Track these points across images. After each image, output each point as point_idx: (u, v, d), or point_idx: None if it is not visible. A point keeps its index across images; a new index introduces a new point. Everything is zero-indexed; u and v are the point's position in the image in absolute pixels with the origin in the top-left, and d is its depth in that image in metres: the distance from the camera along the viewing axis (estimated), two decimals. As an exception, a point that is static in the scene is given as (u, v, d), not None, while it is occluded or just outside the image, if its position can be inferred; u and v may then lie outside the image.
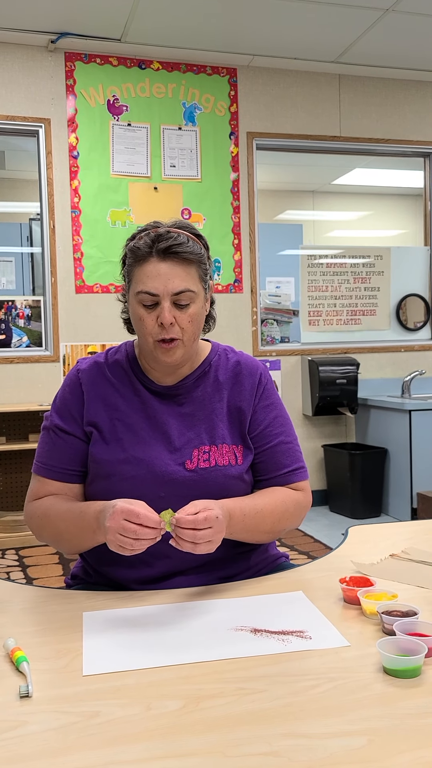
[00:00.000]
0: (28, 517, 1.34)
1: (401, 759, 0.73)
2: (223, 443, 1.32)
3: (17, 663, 0.95)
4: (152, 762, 0.74)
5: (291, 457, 1.39)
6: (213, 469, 1.30)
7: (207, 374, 1.37)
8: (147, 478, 1.27)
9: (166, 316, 1.23)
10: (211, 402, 1.35)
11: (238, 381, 1.38)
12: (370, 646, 0.99)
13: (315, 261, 4.77)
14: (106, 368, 1.36)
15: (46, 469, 1.33)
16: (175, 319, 1.25)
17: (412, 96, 4.85)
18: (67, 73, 4.18)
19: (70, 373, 1.37)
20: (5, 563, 3.52)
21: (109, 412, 1.32)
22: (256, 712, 0.83)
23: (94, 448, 1.31)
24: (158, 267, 1.24)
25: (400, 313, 4.94)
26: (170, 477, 1.28)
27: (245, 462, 1.34)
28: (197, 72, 4.40)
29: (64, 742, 0.78)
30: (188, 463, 1.29)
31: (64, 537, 1.28)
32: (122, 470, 1.28)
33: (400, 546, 1.44)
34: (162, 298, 1.24)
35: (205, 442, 1.31)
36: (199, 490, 1.28)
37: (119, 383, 1.35)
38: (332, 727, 0.79)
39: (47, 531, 1.30)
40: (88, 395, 1.33)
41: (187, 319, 1.26)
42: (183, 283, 1.25)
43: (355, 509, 4.35)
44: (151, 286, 1.24)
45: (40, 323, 4.24)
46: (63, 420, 1.33)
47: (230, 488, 1.31)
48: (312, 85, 4.64)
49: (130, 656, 0.98)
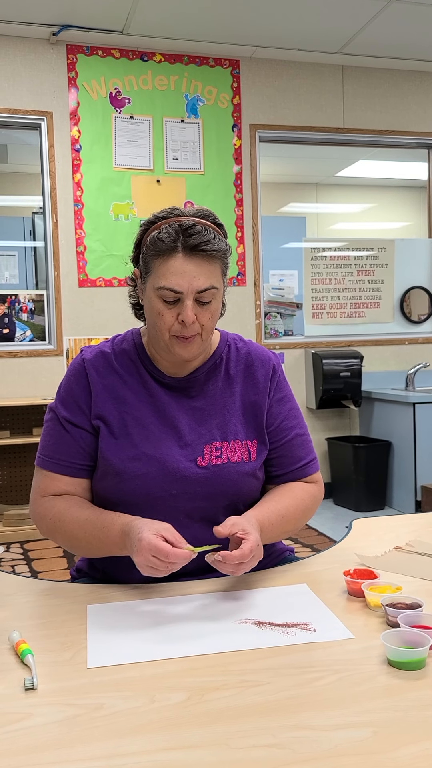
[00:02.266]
0: (37, 516, 1.29)
1: (405, 751, 0.73)
2: (235, 439, 1.29)
3: (22, 656, 0.95)
4: (156, 754, 0.74)
5: (305, 449, 1.37)
6: (225, 465, 1.27)
7: (218, 367, 1.34)
8: (158, 476, 1.24)
9: (189, 314, 1.19)
10: (223, 396, 1.32)
11: (251, 374, 1.35)
12: (374, 638, 0.99)
13: (318, 254, 4.75)
14: (113, 358, 1.31)
15: (54, 463, 1.28)
16: (196, 316, 1.21)
17: (416, 87, 4.82)
18: (69, 66, 4.16)
19: (74, 362, 1.32)
20: (10, 557, 3.53)
21: (117, 406, 1.28)
22: (261, 705, 0.83)
23: (103, 443, 1.26)
24: (184, 264, 1.18)
25: (404, 306, 4.92)
26: (182, 474, 1.24)
27: (259, 458, 1.31)
28: (200, 64, 4.38)
29: (68, 735, 0.78)
30: (200, 460, 1.26)
31: (81, 545, 1.24)
32: (133, 468, 1.24)
33: (404, 539, 1.44)
34: (185, 296, 1.19)
35: (216, 438, 1.28)
36: (211, 487, 1.25)
37: (127, 374, 1.30)
38: (337, 719, 0.79)
39: (61, 535, 1.26)
40: (95, 387, 1.28)
41: (208, 315, 1.23)
42: (208, 281, 1.20)
43: (359, 502, 4.35)
44: (176, 283, 1.18)
45: (43, 317, 4.24)
46: (70, 412, 1.29)
47: (242, 485, 1.28)
48: (315, 77, 4.62)
49: (134, 649, 0.98)
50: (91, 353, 1.32)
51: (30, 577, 1.30)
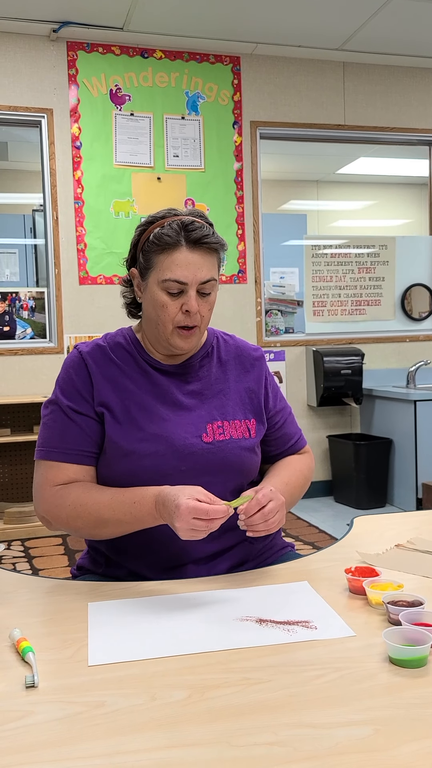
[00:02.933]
0: (52, 505, 1.27)
1: (407, 748, 0.73)
2: (234, 419, 1.36)
3: (23, 653, 0.95)
4: (157, 752, 0.74)
5: (293, 427, 1.50)
6: (229, 441, 1.33)
7: (210, 355, 1.41)
8: (168, 453, 1.28)
9: (193, 304, 1.27)
10: (218, 381, 1.39)
11: (242, 365, 1.43)
12: (375, 636, 0.99)
13: (319, 251, 4.75)
14: (109, 350, 1.36)
15: (60, 453, 1.28)
16: (198, 307, 1.29)
17: (417, 83, 4.81)
18: (70, 63, 4.16)
19: (71, 356, 1.35)
20: (11, 554, 3.53)
21: (118, 393, 1.31)
22: (262, 702, 0.83)
23: (109, 429, 1.29)
24: (188, 256, 1.26)
25: (405, 303, 4.92)
26: (190, 450, 1.29)
27: (257, 436, 1.39)
28: (200, 61, 4.38)
29: (69, 732, 0.78)
30: (205, 436, 1.31)
31: (108, 525, 1.23)
32: (142, 448, 1.27)
33: (405, 536, 1.44)
34: (189, 287, 1.27)
35: (217, 418, 1.34)
36: (217, 462, 1.31)
37: (124, 364, 1.34)
38: (338, 716, 0.79)
39: (83, 519, 1.24)
40: (95, 376, 1.32)
41: (208, 307, 1.31)
42: (209, 272, 1.28)
43: (360, 500, 4.35)
44: (181, 274, 1.26)
45: (44, 315, 4.23)
46: (73, 401, 1.31)
47: (245, 460, 1.34)
48: (316, 74, 4.61)
49: (135, 646, 0.98)
50: (86, 347, 1.36)
51: (31, 575, 1.30)
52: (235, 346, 1.46)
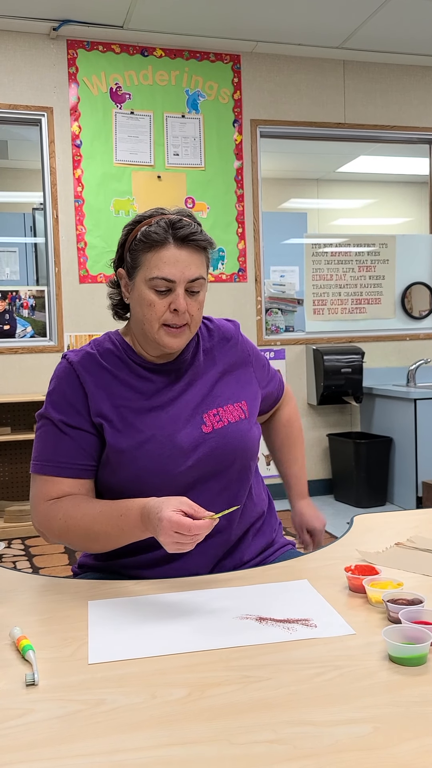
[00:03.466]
0: (44, 519, 1.26)
1: (406, 746, 0.73)
2: (227, 404, 1.36)
3: (23, 651, 0.95)
4: (157, 750, 0.74)
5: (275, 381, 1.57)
6: (228, 426, 1.33)
7: (198, 346, 1.41)
8: (174, 452, 1.27)
9: (181, 302, 1.25)
10: (207, 370, 1.38)
11: (225, 346, 1.44)
12: (375, 634, 0.99)
13: (319, 249, 4.74)
14: (99, 356, 1.33)
15: (54, 467, 1.27)
16: (187, 306, 1.27)
17: (417, 82, 4.80)
18: (70, 61, 4.15)
19: (60, 367, 1.33)
20: (11, 553, 3.54)
21: (113, 400, 1.30)
22: (262, 700, 0.83)
23: (110, 438, 1.27)
24: (176, 254, 1.25)
25: (405, 302, 4.92)
26: (193, 444, 1.29)
27: (252, 413, 1.40)
28: (200, 59, 4.37)
29: (69, 730, 0.78)
30: (204, 428, 1.31)
31: (99, 538, 1.22)
32: (146, 450, 1.27)
33: (405, 534, 1.44)
34: (177, 285, 1.25)
35: (211, 407, 1.34)
36: (221, 449, 1.31)
37: (116, 369, 1.33)
38: (338, 714, 0.79)
39: (74, 534, 1.24)
40: (88, 386, 1.29)
41: (197, 306, 1.30)
42: (198, 270, 1.27)
43: (360, 498, 4.35)
44: (168, 272, 1.24)
45: (44, 313, 4.23)
46: (65, 414, 1.28)
47: (247, 442, 1.35)
48: (316, 72, 4.60)
49: (135, 645, 0.98)
50: (75, 356, 1.33)
51: (31, 573, 1.30)
52: (215, 328, 1.45)
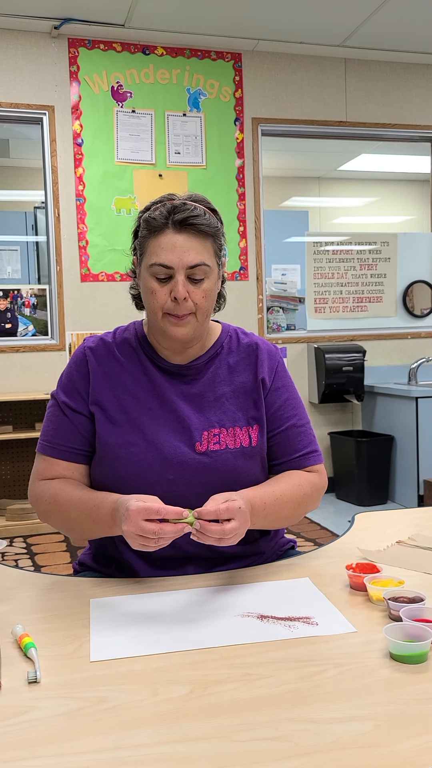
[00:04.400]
0: (34, 498, 1.30)
1: (407, 744, 0.73)
2: (234, 426, 1.28)
3: (25, 649, 0.95)
4: (159, 747, 0.74)
5: (303, 440, 1.35)
6: (224, 451, 1.26)
7: (218, 356, 1.34)
8: (156, 461, 1.24)
9: (180, 290, 1.20)
10: (221, 385, 1.31)
11: (251, 363, 1.34)
12: (376, 632, 0.99)
13: (321, 248, 4.74)
14: (114, 346, 1.33)
15: (53, 448, 1.29)
16: (189, 294, 1.21)
17: (418, 80, 4.79)
18: (71, 60, 4.15)
19: (77, 350, 1.34)
20: (13, 551, 3.54)
21: (115, 391, 1.29)
22: (263, 698, 0.83)
23: (101, 429, 1.27)
24: (174, 239, 1.20)
25: (407, 300, 4.92)
26: (179, 459, 1.24)
27: (260, 442, 1.30)
28: (201, 57, 4.37)
29: (71, 728, 0.78)
30: (198, 446, 1.26)
31: (74, 526, 1.25)
32: (130, 453, 1.24)
33: (406, 533, 1.44)
34: (176, 272, 1.20)
35: (215, 425, 1.28)
36: (209, 473, 1.25)
37: (127, 362, 1.31)
38: (339, 712, 0.80)
39: (55, 516, 1.27)
40: (94, 373, 1.30)
41: (201, 294, 1.23)
42: (198, 256, 1.21)
43: (362, 496, 4.35)
44: (166, 258, 1.20)
45: (45, 312, 4.23)
46: (69, 397, 1.30)
47: (241, 472, 1.27)
48: (317, 70, 4.60)
49: (137, 642, 0.98)
50: (93, 341, 1.34)
51: (33, 572, 1.31)
52: (247, 344, 1.36)
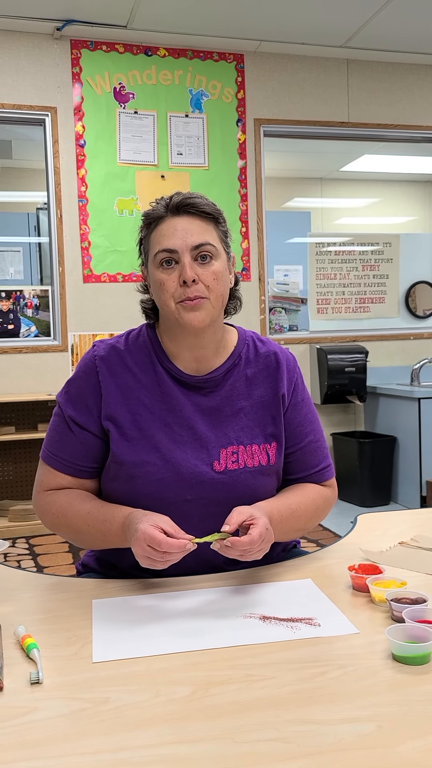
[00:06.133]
0: (40, 510, 1.28)
1: (410, 745, 0.73)
2: (252, 443, 1.25)
3: (27, 650, 0.95)
4: (161, 748, 0.74)
5: (319, 455, 1.35)
6: (242, 471, 1.24)
7: (237, 367, 1.29)
8: (173, 481, 1.20)
9: (187, 272, 1.16)
10: (241, 399, 1.27)
11: (269, 375, 1.30)
12: (379, 633, 0.99)
13: (323, 249, 4.74)
14: (127, 355, 1.26)
15: (57, 461, 1.26)
16: (198, 276, 1.18)
17: (421, 80, 4.79)
18: (73, 61, 4.16)
19: (86, 357, 1.27)
20: (16, 552, 3.54)
21: (130, 406, 1.23)
22: (265, 699, 0.83)
23: (115, 446, 1.22)
24: (174, 223, 1.19)
25: (409, 301, 4.91)
26: (198, 479, 1.21)
27: (278, 460, 1.29)
28: (204, 58, 4.37)
29: (73, 728, 0.78)
30: (216, 465, 1.22)
31: (85, 538, 1.23)
32: (147, 472, 1.20)
33: (409, 534, 1.44)
34: (182, 254, 1.17)
35: (233, 442, 1.24)
36: (227, 493, 1.22)
37: (141, 372, 1.25)
38: (341, 713, 0.79)
39: (65, 529, 1.25)
40: (106, 387, 1.23)
41: (212, 276, 1.19)
42: (202, 236, 1.19)
43: (364, 497, 4.34)
44: (169, 243, 1.18)
45: (48, 313, 4.24)
46: (76, 410, 1.25)
47: (258, 491, 1.25)
48: (320, 71, 4.60)
49: (139, 643, 0.98)
50: (104, 349, 1.27)
51: (35, 572, 1.31)
52: (266, 354, 1.31)
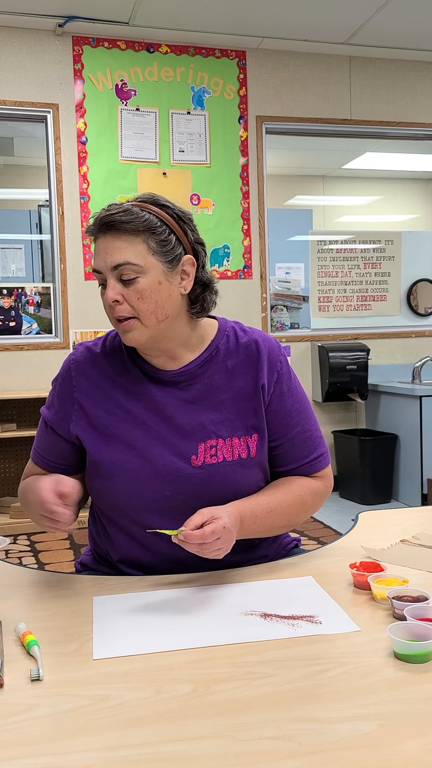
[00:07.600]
0: (18, 495, 1.36)
1: (412, 744, 0.73)
2: (232, 436, 1.22)
3: (28, 647, 0.95)
4: (162, 745, 0.74)
5: (309, 446, 1.29)
6: (221, 464, 1.21)
7: (214, 359, 1.25)
8: (150, 478, 1.19)
9: (107, 294, 1.15)
10: (218, 391, 1.24)
11: (250, 366, 1.25)
12: (380, 631, 0.99)
13: (325, 246, 4.73)
14: (103, 357, 1.27)
15: (39, 458, 1.32)
16: (124, 297, 1.15)
17: (424, 78, 4.78)
18: (75, 58, 4.15)
19: (66, 362, 1.29)
20: (17, 548, 3.55)
21: (105, 406, 1.23)
22: (266, 697, 0.83)
23: (92, 447, 1.22)
24: (101, 243, 1.16)
25: (411, 299, 4.91)
26: (175, 475, 1.19)
27: (260, 452, 1.24)
28: (206, 55, 4.36)
29: (74, 725, 0.78)
30: (194, 459, 1.20)
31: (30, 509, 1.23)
32: (124, 470, 1.20)
33: (410, 531, 1.44)
34: (106, 275, 1.16)
35: (211, 436, 1.21)
36: (207, 487, 1.20)
37: (116, 373, 1.25)
38: (342, 711, 0.79)
39: (24, 507, 1.27)
40: (80, 390, 1.24)
41: (135, 295, 1.14)
42: (120, 255, 1.13)
43: (366, 495, 4.34)
44: (96, 263, 1.17)
45: (49, 310, 4.24)
46: (50, 413, 1.28)
47: (240, 485, 1.22)
48: (322, 68, 4.59)
49: (140, 640, 0.98)
50: (81, 353, 1.27)
51: (36, 569, 1.31)
52: (247, 343, 1.27)
